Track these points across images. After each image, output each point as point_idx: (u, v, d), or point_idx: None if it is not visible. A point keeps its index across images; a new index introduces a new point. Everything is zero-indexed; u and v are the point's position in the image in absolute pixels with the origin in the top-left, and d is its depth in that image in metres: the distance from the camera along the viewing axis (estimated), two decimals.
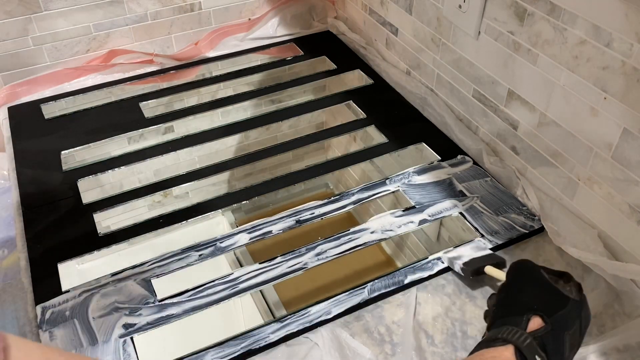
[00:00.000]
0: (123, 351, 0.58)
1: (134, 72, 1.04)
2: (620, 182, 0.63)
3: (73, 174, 0.81)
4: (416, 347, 0.58)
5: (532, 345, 0.48)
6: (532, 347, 0.48)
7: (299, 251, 0.69)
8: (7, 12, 0.90)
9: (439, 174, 0.79)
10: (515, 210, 0.73)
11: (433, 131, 0.89)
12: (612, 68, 0.59)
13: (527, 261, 0.55)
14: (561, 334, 0.50)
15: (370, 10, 1.03)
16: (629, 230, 0.63)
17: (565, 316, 0.51)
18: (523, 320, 0.50)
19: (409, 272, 0.66)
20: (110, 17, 0.99)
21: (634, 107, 0.58)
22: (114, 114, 0.94)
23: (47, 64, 0.98)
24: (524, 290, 0.52)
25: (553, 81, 0.67)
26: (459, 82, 0.85)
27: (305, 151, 0.91)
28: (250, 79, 1.03)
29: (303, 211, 0.74)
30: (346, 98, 0.97)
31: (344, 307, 0.62)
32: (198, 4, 1.05)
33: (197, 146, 0.87)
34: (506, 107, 0.76)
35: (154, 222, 0.73)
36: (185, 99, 0.99)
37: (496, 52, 0.74)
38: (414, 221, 0.72)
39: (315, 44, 1.12)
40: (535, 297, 0.51)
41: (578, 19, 0.61)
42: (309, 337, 0.59)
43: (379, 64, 1.03)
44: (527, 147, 0.75)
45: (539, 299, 0.51)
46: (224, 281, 0.65)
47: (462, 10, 0.78)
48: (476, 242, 0.69)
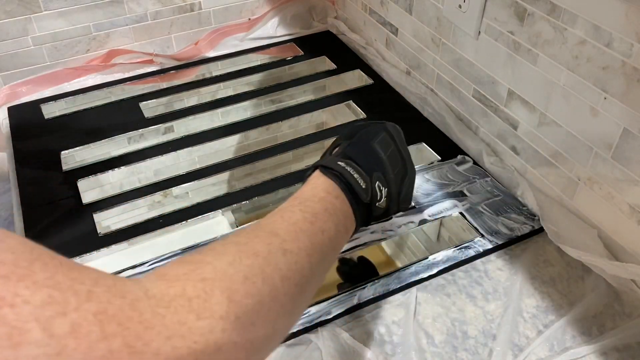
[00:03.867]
0: None
1: (134, 72, 1.04)
2: (620, 182, 0.63)
3: (73, 174, 0.81)
4: (416, 347, 0.58)
5: (332, 159, 0.51)
6: (333, 159, 0.51)
7: None
8: (7, 12, 0.90)
9: (439, 174, 0.79)
10: (515, 210, 0.73)
11: (433, 131, 0.89)
12: (612, 68, 0.59)
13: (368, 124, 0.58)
14: (368, 145, 0.53)
15: (370, 10, 1.03)
16: (629, 230, 0.63)
17: (365, 131, 0.55)
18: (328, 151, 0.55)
19: (409, 272, 0.66)
20: (110, 17, 0.99)
21: (634, 107, 0.58)
22: (114, 114, 0.94)
23: (47, 64, 0.98)
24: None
25: (553, 81, 0.67)
26: (459, 82, 0.85)
27: (305, 151, 0.91)
28: (250, 79, 1.03)
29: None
30: (346, 98, 0.97)
31: (344, 307, 0.62)
32: (198, 4, 1.05)
33: (197, 146, 0.87)
34: (506, 107, 0.76)
35: (154, 222, 0.73)
36: (185, 99, 0.99)
37: (496, 52, 0.74)
38: (414, 221, 0.72)
39: (315, 44, 1.12)
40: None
41: (578, 19, 0.61)
42: (309, 337, 0.59)
43: (379, 64, 1.03)
44: (527, 147, 0.75)
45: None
46: None
47: (462, 10, 0.78)
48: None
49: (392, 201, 0.54)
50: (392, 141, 0.55)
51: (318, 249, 0.43)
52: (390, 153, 0.54)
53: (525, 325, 0.61)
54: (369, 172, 0.51)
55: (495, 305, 0.63)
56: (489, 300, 0.63)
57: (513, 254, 0.69)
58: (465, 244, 0.69)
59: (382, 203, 0.52)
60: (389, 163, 0.53)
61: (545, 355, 0.58)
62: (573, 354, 0.57)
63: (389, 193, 0.52)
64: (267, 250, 0.39)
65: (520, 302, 0.63)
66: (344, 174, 0.49)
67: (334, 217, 0.46)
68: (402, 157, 0.55)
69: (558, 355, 0.58)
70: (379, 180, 0.51)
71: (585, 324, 0.61)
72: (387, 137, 0.55)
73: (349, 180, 0.49)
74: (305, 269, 0.40)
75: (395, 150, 0.55)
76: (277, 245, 0.40)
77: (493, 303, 0.63)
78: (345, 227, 0.48)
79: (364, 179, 0.50)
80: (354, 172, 0.50)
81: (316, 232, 0.43)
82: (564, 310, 0.62)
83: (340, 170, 0.49)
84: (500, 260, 0.68)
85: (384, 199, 0.52)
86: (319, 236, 0.43)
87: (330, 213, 0.46)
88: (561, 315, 0.61)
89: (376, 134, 0.54)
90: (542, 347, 0.58)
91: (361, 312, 0.62)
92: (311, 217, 0.44)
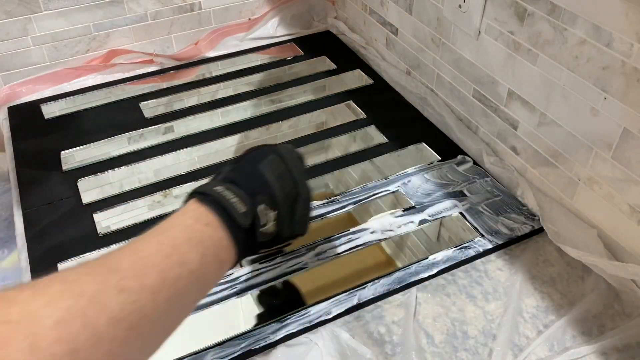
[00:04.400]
0: None
1: (134, 72, 1.04)
2: (620, 182, 0.63)
3: (73, 174, 0.81)
4: (416, 347, 0.58)
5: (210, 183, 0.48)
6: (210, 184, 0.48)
7: (299, 251, 0.69)
8: (7, 12, 0.90)
9: (439, 174, 0.79)
10: (515, 210, 0.73)
11: (433, 131, 0.89)
12: (612, 68, 0.59)
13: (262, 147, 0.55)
14: (253, 167, 0.51)
15: (370, 10, 1.03)
16: (629, 230, 0.63)
17: (253, 154, 0.53)
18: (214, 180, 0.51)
19: (409, 272, 0.66)
20: (110, 17, 0.99)
21: (634, 107, 0.58)
22: (114, 114, 0.94)
23: (47, 64, 0.98)
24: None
25: (553, 81, 0.67)
26: (459, 82, 0.85)
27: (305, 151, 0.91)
28: (250, 79, 1.03)
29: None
30: (346, 98, 0.97)
31: (344, 307, 0.62)
32: (198, 4, 1.05)
33: (197, 146, 0.87)
34: (506, 107, 0.76)
35: (154, 222, 0.73)
36: (185, 99, 0.99)
37: (496, 52, 0.74)
38: (414, 221, 0.72)
39: (315, 44, 1.12)
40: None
41: (578, 19, 0.61)
42: (309, 337, 0.59)
43: (379, 64, 1.03)
44: (527, 147, 0.75)
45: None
46: (224, 281, 0.65)
47: (462, 10, 0.78)
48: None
49: (284, 224, 0.51)
50: (283, 162, 0.52)
51: (170, 284, 0.39)
52: (280, 174, 0.51)
53: (525, 325, 0.61)
54: (252, 195, 0.48)
55: (495, 305, 0.63)
56: (489, 300, 0.63)
57: (513, 254, 0.69)
58: (465, 244, 0.69)
59: (270, 227, 0.49)
60: (277, 184, 0.50)
61: (545, 355, 0.58)
62: (573, 354, 0.57)
63: (279, 215, 0.50)
64: (96, 289, 0.34)
65: (520, 302, 0.63)
66: (219, 199, 0.46)
67: (199, 247, 0.42)
68: (293, 177, 0.52)
69: (558, 355, 0.58)
70: (265, 202, 0.48)
71: (585, 324, 0.61)
72: (276, 159, 0.52)
73: (225, 205, 0.46)
74: (148, 308, 0.36)
75: (286, 171, 0.52)
76: (112, 283, 0.35)
77: (493, 303, 0.63)
78: (216, 256, 0.44)
79: (245, 203, 0.47)
80: (232, 196, 0.46)
81: (171, 266, 0.40)
82: (564, 310, 0.62)
83: (215, 195, 0.46)
84: (500, 260, 0.68)
85: (272, 223, 0.49)
86: (174, 270, 0.40)
87: (195, 243, 0.42)
88: (561, 315, 0.61)
89: (264, 156, 0.52)
90: (542, 347, 0.58)
91: (361, 312, 0.62)
92: (168, 249, 0.41)
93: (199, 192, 0.47)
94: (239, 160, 0.53)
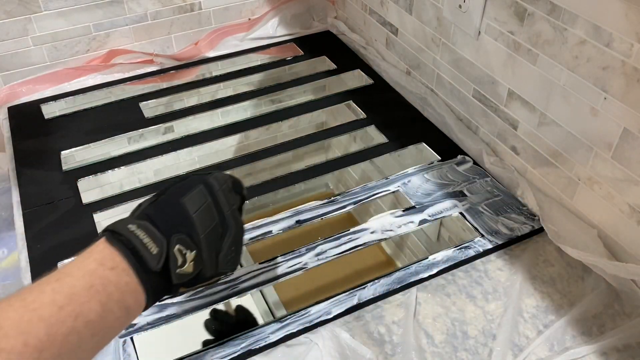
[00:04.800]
0: (123, 351, 0.58)
1: (134, 72, 1.04)
2: (620, 182, 0.63)
3: (73, 174, 0.81)
4: (416, 347, 0.58)
5: (126, 220, 0.45)
6: (126, 220, 0.44)
7: (299, 251, 0.69)
8: (7, 12, 0.90)
9: (439, 174, 0.79)
10: (515, 210, 0.73)
11: (433, 131, 0.89)
12: (612, 68, 0.59)
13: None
14: (175, 202, 0.47)
15: (370, 10, 1.03)
16: (629, 230, 0.63)
17: (178, 186, 0.48)
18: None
19: (409, 272, 0.66)
20: (110, 17, 0.99)
21: (634, 107, 0.58)
22: (114, 114, 0.94)
23: (47, 64, 0.98)
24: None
25: (553, 81, 0.67)
26: (459, 82, 0.85)
27: (305, 151, 0.91)
28: (250, 79, 1.03)
29: (303, 211, 0.74)
30: (346, 98, 0.97)
31: (344, 307, 0.62)
32: (198, 4, 1.05)
33: (197, 146, 0.87)
34: (506, 107, 0.76)
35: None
36: (185, 99, 0.99)
37: (496, 52, 0.74)
38: (414, 221, 0.72)
39: (315, 44, 1.12)
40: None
41: (578, 19, 0.61)
42: (309, 337, 0.59)
43: (379, 64, 1.03)
44: (527, 147, 0.75)
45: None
46: (223, 281, 0.65)
47: (462, 10, 0.78)
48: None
49: (206, 264, 0.47)
50: (210, 195, 0.49)
51: (61, 340, 0.36)
52: (203, 209, 0.47)
53: (525, 325, 0.61)
54: (167, 234, 0.45)
55: (495, 305, 0.63)
56: (489, 300, 0.63)
57: (513, 254, 0.69)
58: (465, 244, 0.69)
59: (188, 267, 0.45)
60: (199, 222, 0.47)
61: (545, 355, 0.58)
62: (573, 354, 0.57)
63: (198, 256, 0.46)
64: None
65: (520, 302, 0.63)
66: (130, 239, 0.43)
67: (101, 295, 0.39)
68: (220, 211, 0.49)
69: (558, 355, 0.58)
70: (181, 243, 0.45)
71: (585, 324, 0.61)
72: (202, 192, 0.48)
73: (135, 245, 0.43)
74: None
75: (211, 205, 0.48)
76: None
77: (493, 303, 0.63)
78: (121, 303, 0.41)
79: (158, 243, 0.43)
80: (144, 235, 0.43)
81: (63, 320, 0.37)
82: (564, 310, 0.62)
83: (126, 234, 0.43)
84: (500, 260, 0.68)
85: (190, 263, 0.46)
86: (67, 324, 0.37)
87: (96, 290, 0.39)
88: (561, 315, 0.61)
89: (189, 189, 0.48)
90: (542, 347, 0.58)
91: (361, 312, 0.62)
92: (64, 299, 0.38)
93: (109, 230, 0.44)
94: (163, 192, 0.49)
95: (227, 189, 0.51)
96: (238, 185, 0.54)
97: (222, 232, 0.49)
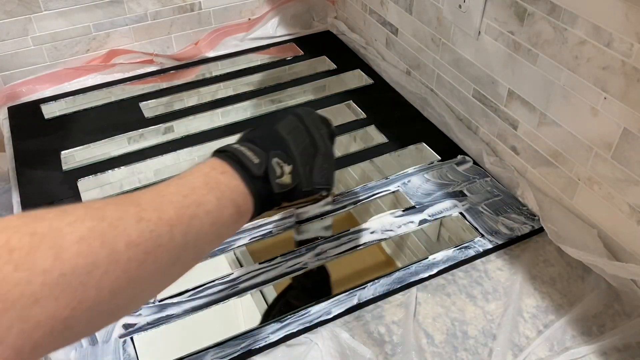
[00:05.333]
0: (123, 351, 0.58)
1: (134, 72, 1.04)
2: (620, 182, 0.63)
3: (73, 174, 0.81)
4: (416, 347, 0.58)
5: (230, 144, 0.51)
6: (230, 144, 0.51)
7: (299, 251, 0.69)
8: (7, 12, 0.90)
9: (439, 174, 0.79)
10: (515, 210, 0.73)
11: (433, 131, 0.89)
12: (612, 68, 0.59)
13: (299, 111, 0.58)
14: (270, 128, 0.54)
15: (370, 10, 1.03)
16: (629, 230, 0.63)
17: (272, 117, 0.57)
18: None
19: (409, 272, 0.66)
20: (110, 17, 0.99)
21: (634, 107, 0.58)
22: (114, 114, 0.94)
23: (47, 64, 0.98)
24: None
25: (553, 81, 0.67)
26: (459, 82, 0.85)
27: None
28: (250, 79, 1.03)
29: (303, 211, 0.74)
30: (346, 98, 0.97)
31: (344, 307, 0.62)
32: (198, 4, 1.05)
33: (197, 146, 0.87)
34: (506, 107, 0.76)
35: None
36: (185, 99, 0.99)
37: (496, 52, 0.74)
38: (414, 221, 0.72)
39: (315, 44, 1.12)
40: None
41: (578, 19, 0.61)
42: (309, 337, 0.59)
43: (379, 64, 1.03)
44: (527, 147, 0.75)
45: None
46: (223, 281, 0.65)
47: (462, 10, 0.78)
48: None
49: (301, 178, 0.53)
50: (300, 122, 0.56)
51: (187, 221, 0.41)
52: (294, 131, 0.54)
53: (525, 325, 0.61)
54: (266, 150, 0.51)
55: (495, 305, 0.63)
56: (489, 300, 0.63)
57: (513, 254, 0.69)
58: (465, 244, 0.69)
59: (286, 179, 0.51)
60: (292, 141, 0.53)
61: (545, 355, 0.58)
62: (573, 354, 0.57)
63: (294, 169, 0.52)
64: (117, 216, 0.37)
65: (520, 302, 0.63)
66: (234, 152, 0.49)
67: (215, 191, 0.45)
68: (310, 134, 0.56)
69: (558, 355, 0.58)
70: (278, 157, 0.51)
71: (585, 324, 0.61)
72: (292, 119, 0.56)
73: (239, 157, 0.49)
74: (164, 238, 0.39)
75: (302, 129, 0.55)
76: (132, 213, 0.38)
77: (493, 303, 0.63)
78: (233, 201, 0.46)
79: (258, 155, 0.50)
80: (247, 150, 0.50)
81: (188, 205, 0.42)
82: (564, 310, 0.62)
83: (231, 150, 0.50)
84: (500, 260, 0.68)
85: (288, 175, 0.52)
86: (191, 209, 0.42)
87: (211, 187, 0.45)
88: (561, 315, 0.61)
89: (281, 118, 0.56)
90: (542, 347, 0.58)
91: (361, 312, 0.62)
92: (187, 190, 0.43)
93: (217, 151, 0.51)
94: (259, 125, 0.57)
95: (315, 118, 0.58)
96: (326, 120, 0.61)
97: (313, 151, 0.55)
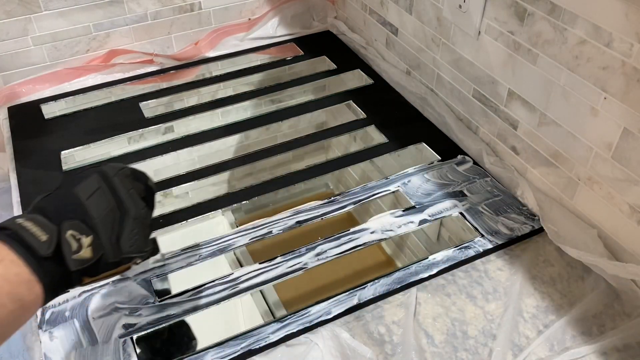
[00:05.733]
0: (123, 351, 0.58)
1: (134, 72, 1.04)
2: (620, 182, 0.63)
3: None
4: (416, 347, 0.58)
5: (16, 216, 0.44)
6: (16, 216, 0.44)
7: (299, 251, 0.69)
8: (7, 12, 0.90)
9: (439, 174, 0.79)
10: (515, 210, 0.73)
11: (433, 131, 0.89)
12: (612, 68, 0.59)
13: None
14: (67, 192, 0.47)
15: (370, 10, 1.03)
16: (629, 230, 0.63)
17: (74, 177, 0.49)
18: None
19: (409, 272, 0.66)
20: (110, 17, 0.99)
21: (634, 107, 0.58)
22: (114, 114, 0.94)
23: (47, 64, 0.98)
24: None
25: (553, 81, 0.67)
26: (459, 82, 0.85)
27: (305, 151, 0.91)
28: (250, 79, 1.03)
29: (303, 211, 0.74)
30: (346, 98, 0.97)
31: (344, 307, 0.62)
32: (198, 4, 1.05)
33: (197, 146, 0.87)
34: (506, 107, 0.76)
35: (153, 222, 0.73)
36: (185, 99, 0.99)
37: (496, 52, 0.74)
38: (414, 221, 0.72)
39: (315, 44, 1.12)
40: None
41: (578, 19, 0.61)
42: (309, 337, 0.59)
43: (379, 64, 1.03)
44: (527, 147, 0.75)
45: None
46: (224, 281, 0.65)
47: (462, 10, 0.78)
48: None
49: (105, 248, 0.47)
50: (104, 181, 0.49)
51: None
52: (96, 194, 0.48)
53: (525, 325, 0.61)
54: (58, 221, 0.45)
55: (495, 305, 0.63)
56: (489, 300, 0.63)
57: (513, 254, 0.69)
58: (465, 244, 0.69)
59: (85, 253, 0.45)
60: (93, 206, 0.47)
61: (545, 355, 0.58)
62: (573, 354, 0.57)
63: (95, 240, 0.46)
64: None
65: (520, 302, 0.63)
66: (17, 231, 0.42)
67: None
68: (116, 195, 0.49)
69: (558, 355, 0.58)
70: (73, 228, 0.45)
71: (585, 324, 0.61)
72: (94, 179, 0.49)
73: (22, 235, 0.42)
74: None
75: (105, 190, 0.49)
76: None
77: (493, 303, 0.63)
78: (13, 296, 0.40)
79: (47, 231, 0.43)
80: (32, 225, 0.43)
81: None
82: (564, 310, 0.62)
83: (13, 227, 0.43)
84: (500, 260, 0.68)
85: (88, 248, 0.45)
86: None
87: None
88: (561, 315, 0.61)
89: (82, 179, 0.49)
90: (542, 347, 0.58)
91: (361, 312, 0.62)
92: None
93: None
94: (58, 186, 0.49)
95: (124, 175, 0.51)
96: (141, 174, 0.54)
97: (120, 215, 0.49)
